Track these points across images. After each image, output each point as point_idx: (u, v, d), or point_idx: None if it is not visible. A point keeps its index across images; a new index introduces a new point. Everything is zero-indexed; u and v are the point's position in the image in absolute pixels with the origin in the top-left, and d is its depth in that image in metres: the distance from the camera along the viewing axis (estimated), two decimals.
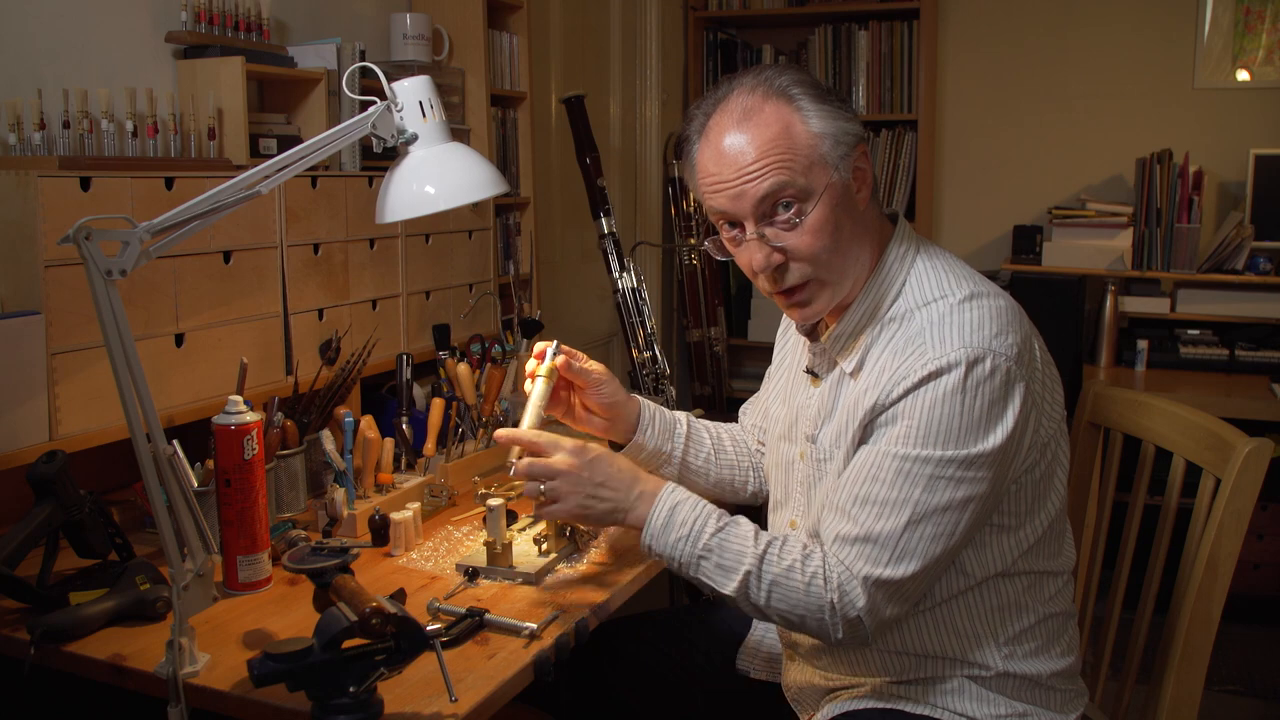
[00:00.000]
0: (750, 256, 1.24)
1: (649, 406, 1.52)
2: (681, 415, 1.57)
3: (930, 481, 1.16)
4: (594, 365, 1.46)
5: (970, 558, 1.25)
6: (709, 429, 1.59)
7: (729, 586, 1.22)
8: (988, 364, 1.16)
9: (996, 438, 1.17)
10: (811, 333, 1.37)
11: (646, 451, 1.50)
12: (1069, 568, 1.34)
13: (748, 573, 1.21)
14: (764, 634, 1.53)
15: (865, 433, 1.23)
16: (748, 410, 1.64)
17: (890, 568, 1.17)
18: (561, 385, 1.46)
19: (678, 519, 1.25)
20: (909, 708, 1.28)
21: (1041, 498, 1.26)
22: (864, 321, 1.27)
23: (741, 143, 1.21)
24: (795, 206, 1.21)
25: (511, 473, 1.32)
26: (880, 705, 1.30)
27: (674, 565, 1.26)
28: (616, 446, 1.50)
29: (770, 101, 1.22)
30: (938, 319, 1.20)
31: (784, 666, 1.47)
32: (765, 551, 1.22)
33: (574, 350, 1.45)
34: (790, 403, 1.42)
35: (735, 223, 1.25)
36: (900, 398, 1.18)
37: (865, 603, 1.18)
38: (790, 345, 1.48)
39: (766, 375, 1.57)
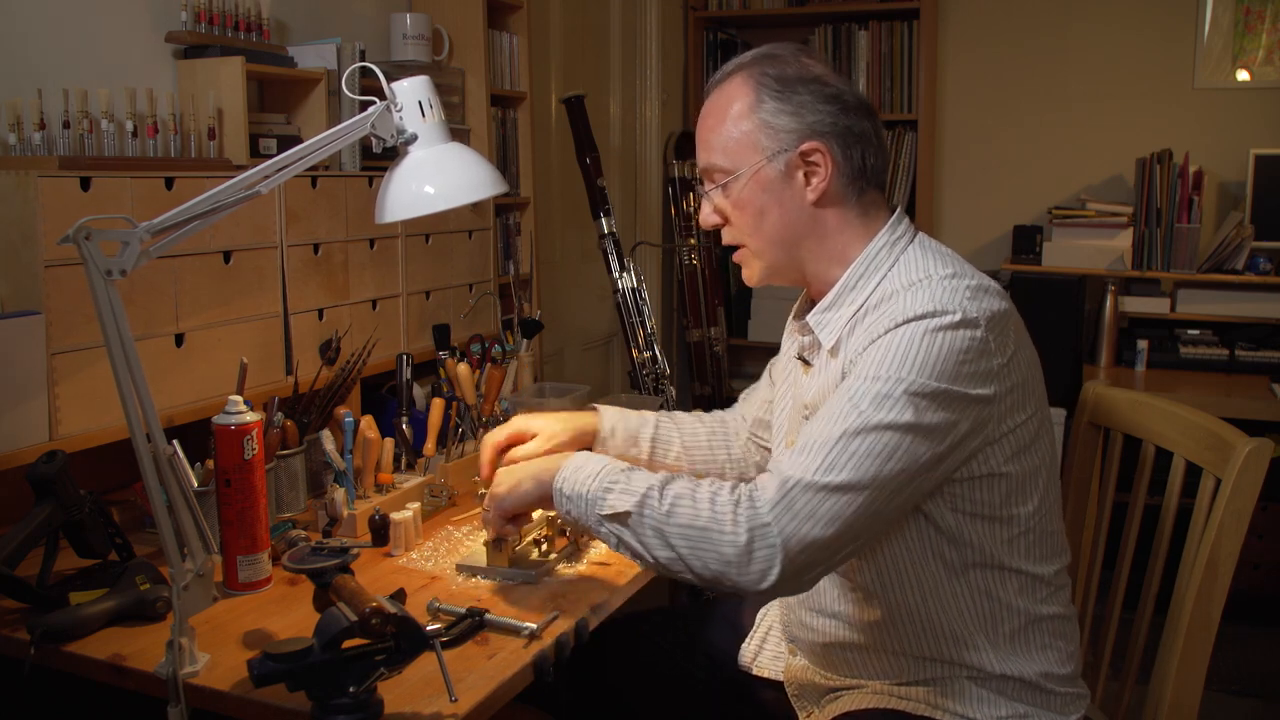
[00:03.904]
0: (701, 209, 1.37)
1: (607, 422, 1.56)
2: (651, 418, 1.59)
3: (877, 399, 1.14)
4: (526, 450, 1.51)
5: (946, 546, 1.23)
6: (683, 427, 1.61)
7: (627, 504, 1.18)
8: (957, 316, 1.16)
9: (954, 383, 1.15)
10: (803, 314, 1.38)
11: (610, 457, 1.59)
12: (1062, 570, 1.32)
13: (650, 487, 1.18)
14: (767, 630, 1.53)
15: None
16: (748, 398, 1.65)
17: (818, 474, 1.12)
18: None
19: (593, 462, 1.26)
20: (910, 708, 1.28)
21: (1020, 491, 1.24)
22: (844, 302, 1.29)
23: (704, 110, 1.34)
24: (722, 178, 1.31)
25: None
26: (881, 707, 1.29)
27: (580, 507, 1.23)
28: None
29: (738, 78, 1.30)
30: (916, 291, 1.22)
31: (786, 663, 1.47)
32: (673, 477, 1.20)
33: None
34: (788, 393, 1.44)
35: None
36: (865, 348, 1.19)
37: (777, 500, 1.11)
38: (792, 344, 1.48)
39: (770, 363, 1.60)
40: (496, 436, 1.52)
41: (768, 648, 1.52)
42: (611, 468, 1.24)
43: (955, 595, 1.25)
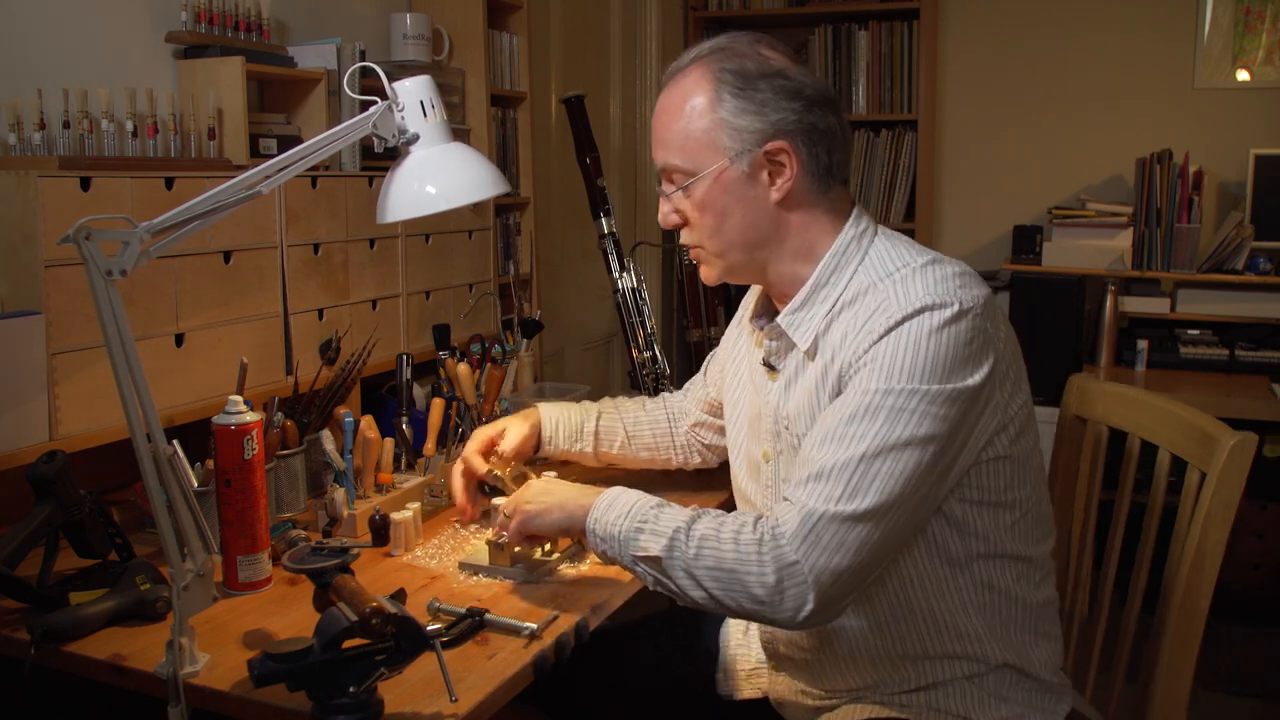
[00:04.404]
0: (660, 207, 1.33)
1: (548, 423, 1.66)
2: (593, 410, 1.69)
3: (892, 414, 1.11)
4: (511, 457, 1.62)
5: (952, 538, 1.22)
6: (626, 417, 1.70)
7: (656, 547, 1.17)
8: (954, 309, 1.14)
9: (963, 379, 1.14)
10: (767, 318, 1.35)
11: (556, 455, 1.70)
12: (1049, 551, 1.32)
13: (677, 529, 1.17)
14: (737, 650, 1.51)
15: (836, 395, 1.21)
16: (688, 391, 1.70)
17: (841, 503, 1.10)
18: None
19: (622, 500, 1.25)
20: (912, 716, 1.27)
21: (1019, 473, 1.24)
22: (817, 300, 1.26)
23: (660, 105, 1.29)
24: (681, 179, 1.27)
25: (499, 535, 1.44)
26: (879, 716, 1.28)
27: (613, 548, 1.22)
28: None
29: (696, 73, 1.25)
30: (901, 280, 1.19)
31: (769, 679, 1.44)
32: (700, 514, 1.19)
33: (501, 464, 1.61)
34: (745, 405, 1.41)
35: None
36: (866, 350, 1.16)
37: (804, 537, 1.10)
38: (744, 349, 1.45)
39: (707, 359, 1.66)
40: (475, 448, 1.59)
41: (739, 668, 1.49)
42: (641, 505, 1.22)
43: (958, 589, 1.24)
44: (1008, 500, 1.24)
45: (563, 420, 1.67)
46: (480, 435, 1.63)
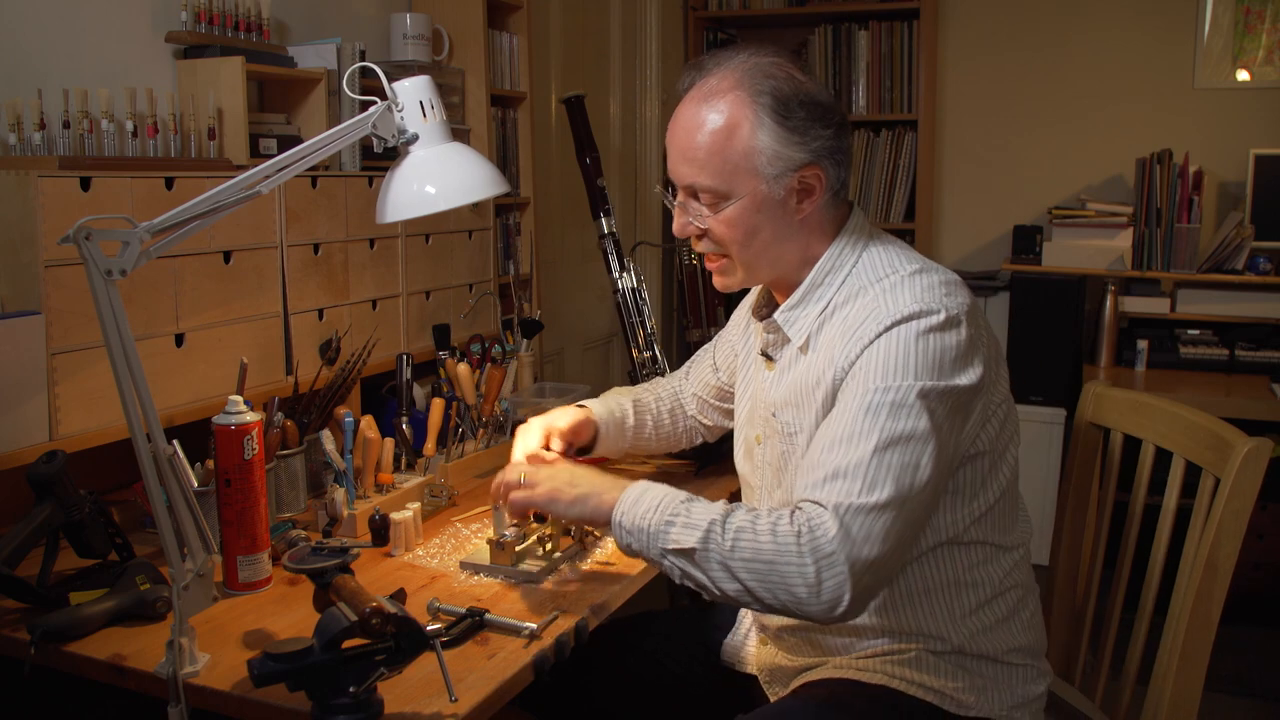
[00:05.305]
0: (676, 218, 1.34)
1: (603, 425, 1.66)
2: (629, 411, 1.70)
3: (894, 409, 1.16)
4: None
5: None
6: (651, 411, 1.73)
7: (690, 539, 1.17)
8: (942, 315, 1.20)
9: (954, 379, 1.19)
10: (766, 311, 1.41)
11: (594, 456, 1.70)
12: (1024, 543, 1.36)
13: (712, 521, 1.17)
14: (749, 628, 1.53)
15: (831, 402, 1.24)
16: (691, 370, 1.74)
17: (862, 496, 1.14)
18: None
19: (650, 494, 1.24)
20: (867, 679, 1.30)
21: (996, 466, 1.29)
22: (812, 300, 1.31)
23: (689, 123, 1.28)
24: (711, 199, 1.29)
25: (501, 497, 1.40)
26: (839, 677, 1.31)
27: (641, 541, 1.22)
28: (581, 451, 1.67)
29: (733, 94, 1.26)
30: (889, 288, 1.24)
31: (757, 652, 1.49)
32: (734, 508, 1.21)
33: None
34: (748, 390, 1.48)
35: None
36: (859, 355, 1.21)
37: (837, 530, 1.12)
38: (751, 339, 1.50)
39: (714, 343, 1.69)
40: (539, 443, 1.56)
41: (750, 644, 1.53)
42: (670, 499, 1.22)
43: (921, 568, 1.29)
44: (980, 492, 1.28)
45: (611, 421, 1.67)
46: (539, 428, 1.58)
